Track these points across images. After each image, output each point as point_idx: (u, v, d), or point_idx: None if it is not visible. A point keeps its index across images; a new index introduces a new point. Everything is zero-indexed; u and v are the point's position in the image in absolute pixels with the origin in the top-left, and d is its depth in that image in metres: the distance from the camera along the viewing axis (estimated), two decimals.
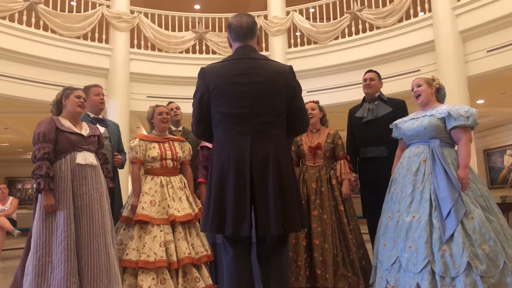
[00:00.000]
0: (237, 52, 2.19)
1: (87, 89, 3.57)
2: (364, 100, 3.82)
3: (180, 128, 4.14)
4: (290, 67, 2.21)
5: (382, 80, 3.86)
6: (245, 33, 2.17)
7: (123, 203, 3.56)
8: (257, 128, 2.07)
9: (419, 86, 3.06)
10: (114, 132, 3.66)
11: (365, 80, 3.76)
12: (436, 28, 7.30)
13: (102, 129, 3.53)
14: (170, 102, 4.22)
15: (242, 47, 2.18)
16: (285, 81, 2.14)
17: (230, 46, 2.24)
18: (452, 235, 2.59)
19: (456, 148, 2.93)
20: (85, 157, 2.80)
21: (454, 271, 2.51)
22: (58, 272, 2.54)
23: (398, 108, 3.62)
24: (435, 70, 7.09)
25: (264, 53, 9.02)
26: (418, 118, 3.02)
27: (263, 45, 9.11)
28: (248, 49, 2.18)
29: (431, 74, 4.03)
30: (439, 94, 3.11)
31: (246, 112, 2.06)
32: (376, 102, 3.71)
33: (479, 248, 2.53)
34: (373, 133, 3.59)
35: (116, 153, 3.53)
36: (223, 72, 2.12)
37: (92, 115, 3.55)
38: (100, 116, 3.63)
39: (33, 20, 7.57)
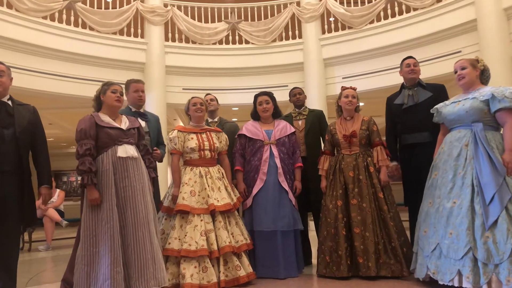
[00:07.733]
0: None
1: (127, 84, 3.70)
2: (402, 86, 3.75)
3: (216, 119, 4.18)
4: None
5: (420, 64, 3.80)
6: None
7: (160, 194, 3.65)
8: None
9: (463, 68, 2.94)
10: (154, 126, 3.75)
11: (408, 65, 3.67)
12: (478, 6, 6.98)
13: (142, 123, 3.62)
14: (207, 94, 4.27)
15: None
16: None
17: None
18: (496, 221, 2.51)
19: (501, 131, 2.81)
20: (126, 150, 2.87)
21: (498, 257, 2.44)
22: (104, 261, 2.65)
23: (438, 92, 3.55)
24: (478, 51, 6.79)
25: (297, 40, 8.96)
26: (460, 101, 2.91)
27: (296, 32, 9.01)
28: None
29: (474, 55, 3.86)
30: (484, 76, 2.98)
31: None
32: (415, 88, 3.64)
33: None
34: (415, 119, 3.52)
35: (155, 148, 3.61)
36: None
37: (133, 109, 3.67)
38: (141, 110, 3.74)
39: (72, 18, 7.83)
